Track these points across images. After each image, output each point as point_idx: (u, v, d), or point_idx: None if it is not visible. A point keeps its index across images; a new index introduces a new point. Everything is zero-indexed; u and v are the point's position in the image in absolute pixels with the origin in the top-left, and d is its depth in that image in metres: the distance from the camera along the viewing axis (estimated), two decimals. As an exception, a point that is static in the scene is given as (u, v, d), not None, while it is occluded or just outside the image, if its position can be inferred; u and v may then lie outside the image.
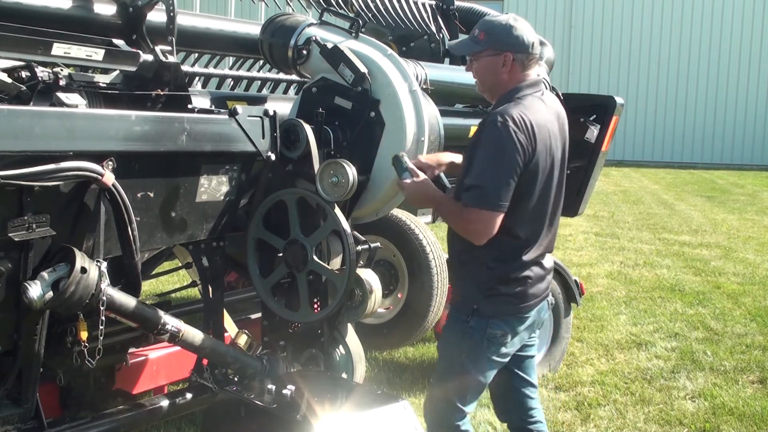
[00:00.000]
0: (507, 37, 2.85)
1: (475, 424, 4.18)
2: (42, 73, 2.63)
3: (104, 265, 2.65)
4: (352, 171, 3.13)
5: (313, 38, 3.46)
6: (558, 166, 2.92)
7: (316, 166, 3.22)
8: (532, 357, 3.14)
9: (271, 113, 3.21)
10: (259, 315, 3.77)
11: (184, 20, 3.67)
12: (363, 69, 3.34)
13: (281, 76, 4.47)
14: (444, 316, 4.58)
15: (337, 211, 3.15)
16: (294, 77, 4.27)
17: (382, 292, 3.44)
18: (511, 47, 2.83)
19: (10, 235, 2.45)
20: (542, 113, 2.84)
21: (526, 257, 2.86)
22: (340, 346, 3.47)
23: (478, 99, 4.27)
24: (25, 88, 2.59)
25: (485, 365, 2.91)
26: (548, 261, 3.01)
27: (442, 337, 3.06)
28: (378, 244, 3.46)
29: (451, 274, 3.13)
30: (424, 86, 3.86)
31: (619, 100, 4.95)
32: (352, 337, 3.52)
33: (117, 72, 3.09)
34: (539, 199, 2.86)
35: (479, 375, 2.92)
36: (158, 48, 3.17)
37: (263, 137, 3.16)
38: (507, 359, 2.96)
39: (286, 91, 4.75)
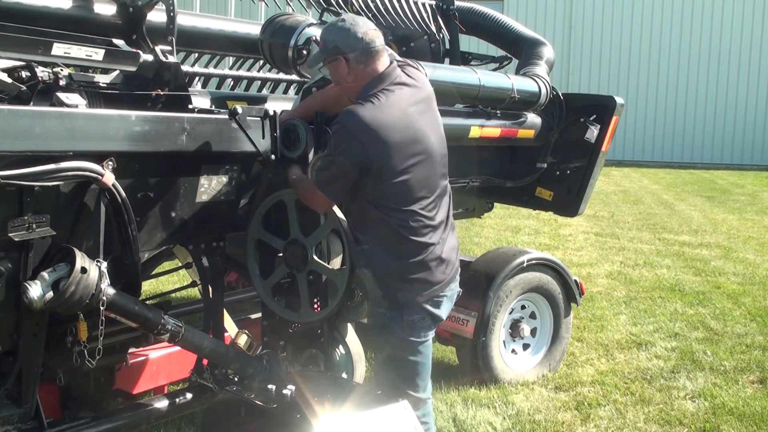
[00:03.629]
0: (334, 41, 2.89)
1: (475, 424, 4.19)
2: (42, 73, 2.63)
3: (104, 265, 2.65)
4: None
5: (313, 38, 3.46)
6: (435, 147, 2.96)
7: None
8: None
9: (271, 113, 3.21)
10: (259, 315, 3.77)
11: (184, 20, 3.67)
12: (363, 69, 3.33)
13: (281, 76, 4.47)
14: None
15: (337, 210, 3.15)
16: (294, 77, 4.27)
17: (382, 292, 3.44)
18: (339, 51, 2.87)
19: (10, 235, 2.45)
20: (401, 102, 2.87)
21: (423, 240, 2.93)
22: (340, 346, 3.48)
23: (478, 99, 4.27)
24: (25, 88, 2.59)
25: (417, 349, 2.99)
26: (450, 240, 3.06)
27: (371, 336, 3.12)
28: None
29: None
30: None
31: (619, 100, 4.96)
32: (352, 337, 3.53)
33: (117, 72, 3.09)
34: (421, 186, 2.91)
35: (417, 359, 3.00)
36: (158, 48, 3.17)
37: (263, 137, 3.16)
38: (433, 334, 3.05)
39: (286, 91, 4.75)
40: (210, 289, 3.40)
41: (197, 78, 4.23)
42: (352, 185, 2.91)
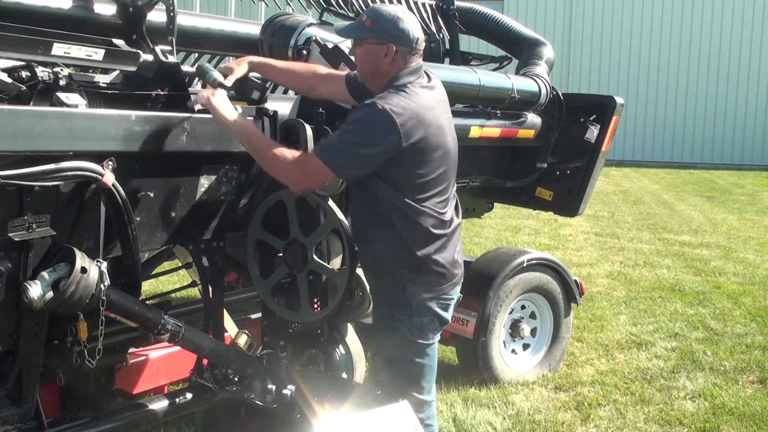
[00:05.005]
0: (393, 29, 2.85)
1: (475, 424, 4.19)
2: (42, 73, 2.63)
3: (104, 265, 2.65)
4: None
5: (313, 38, 3.46)
6: (451, 146, 2.96)
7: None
8: None
9: (271, 113, 3.21)
10: (259, 315, 3.77)
11: (184, 20, 3.67)
12: (363, 69, 3.33)
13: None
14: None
15: (337, 209, 3.15)
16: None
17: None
18: (396, 39, 2.84)
19: (10, 235, 2.45)
20: (426, 100, 2.85)
21: (436, 242, 2.91)
22: (340, 346, 3.48)
23: (478, 99, 4.27)
24: (25, 88, 2.59)
25: (424, 351, 2.96)
26: (457, 241, 3.04)
27: (373, 337, 3.05)
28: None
29: (364, 268, 3.12)
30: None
31: (619, 100, 4.95)
32: (352, 337, 3.53)
33: (117, 72, 3.09)
34: (438, 182, 2.89)
35: (423, 361, 2.97)
36: (158, 48, 3.17)
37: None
38: (439, 336, 3.02)
39: (286, 92, 4.75)
40: (210, 289, 3.40)
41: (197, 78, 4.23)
42: (369, 172, 2.82)
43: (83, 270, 2.55)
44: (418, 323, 2.91)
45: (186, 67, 3.84)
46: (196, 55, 4.41)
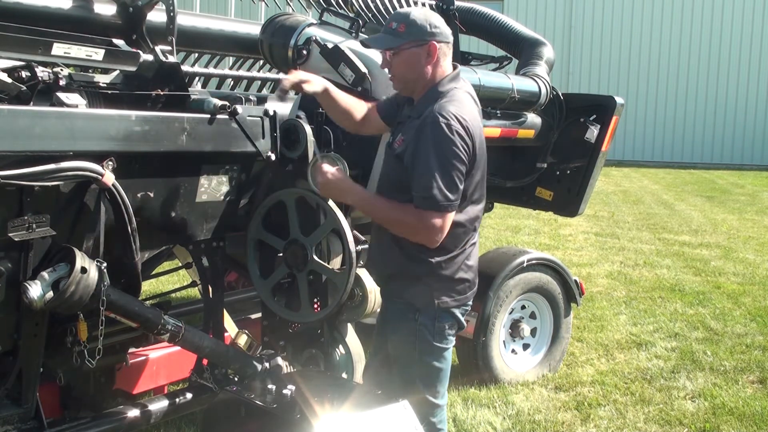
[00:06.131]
0: (428, 27, 2.78)
1: (475, 424, 4.19)
2: (42, 73, 2.63)
3: (104, 265, 2.65)
4: (343, 164, 3.13)
5: (313, 38, 3.46)
6: (485, 154, 2.94)
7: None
8: None
9: (271, 113, 3.21)
10: (259, 315, 3.77)
11: (184, 20, 3.67)
12: (363, 69, 3.34)
13: (281, 76, 4.46)
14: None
15: (337, 210, 3.15)
16: (294, 77, 4.26)
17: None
18: (434, 36, 2.78)
19: (10, 235, 2.45)
20: (472, 107, 2.86)
21: (467, 248, 2.91)
22: (340, 346, 3.48)
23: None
24: (25, 88, 2.59)
25: (443, 355, 2.96)
26: (478, 243, 3.05)
27: (392, 340, 3.01)
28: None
29: (382, 269, 3.03)
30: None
31: (619, 100, 4.95)
32: (352, 337, 3.52)
33: (117, 72, 3.09)
34: (478, 188, 2.90)
35: (441, 365, 2.96)
36: (158, 48, 3.17)
37: (263, 137, 3.16)
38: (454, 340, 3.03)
39: (286, 91, 4.75)
40: (210, 289, 3.40)
41: (197, 78, 4.23)
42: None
43: (83, 270, 2.55)
44: (441, 327, 2.90)
45: (186, 67, 3.85)
46: (196, 55, 4.41)
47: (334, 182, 2.87)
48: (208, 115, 2.97)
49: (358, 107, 3.10)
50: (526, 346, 4.98)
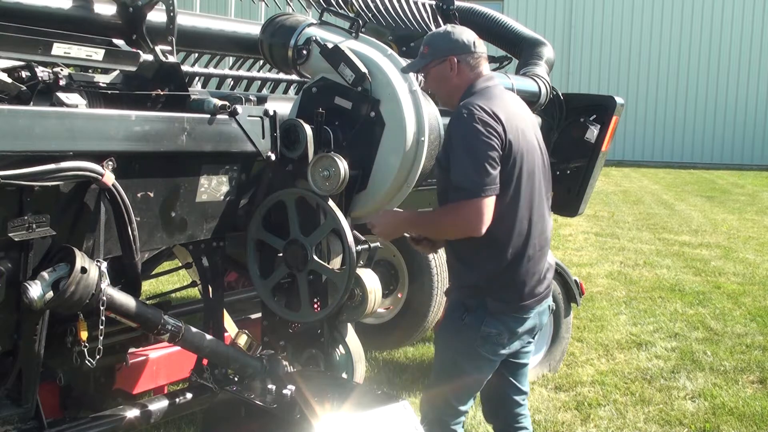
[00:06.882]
0: (446, 42, 2.93)
1: (475, 424, 4.19)
2: (42, 73, 2.63)
3: (104, 265, 2.64)
4: (343, 164, 3.13)
5: (313, 38, 3.46)
6: (539, 159, 2.92)
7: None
8: (526, 365, 3.13)
9: (271, 113, 3.21)
10: (259, 315, 3.77)
11: (184, 20, 3.66)
12: (363, 69, 3.33)
13: (281, 76, 4.46)
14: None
15: (337, 210, 3.15)
16: (294, 77, 4.27)
17: (382, 292, 3.44)
18: (452, 51, 2.91)
19: (10, 235, 2.45)
20: (508, 101, 2.87)
21: (519, 254, 2.84)
22: (340, 346, 3.47)
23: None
24: (25, 88, 2.58)
25: (480, 364, 2.89)
26: (545, 260, 2.97)
27: (438, 335, 3.04)
28: (378, 243, 3.46)
29: (450, 273, 3.09)
30: (425, 86, 3.86)
31: (619, 100, 4.95)
32: (352, 337, 3.52)
33: (117, 72, 3.09)
34: (524, 190, 2.83)
35: (475, 374, 2.91)
36: (158, 48, 3.16)
37: (263, 137, 3.16)
38: (501, 359, 2.93)
39: (286, 91, 4.75)
40: (210, 289, 3.40)
41: (197, 78, 4.23)
42: (499, 169, 2.73)
43: (83, 270, 2.55)
44: (486, 332, 2.83)
45: (186, 67, 3.84)
46: (196, 55, 4.41)
47: (385, 220, 3.00)
48: (208, 115, 2.97)
49: None
50: (526, 346, 4.98)
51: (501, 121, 2.74)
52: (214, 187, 3.12)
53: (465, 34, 2.94)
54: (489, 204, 2.69)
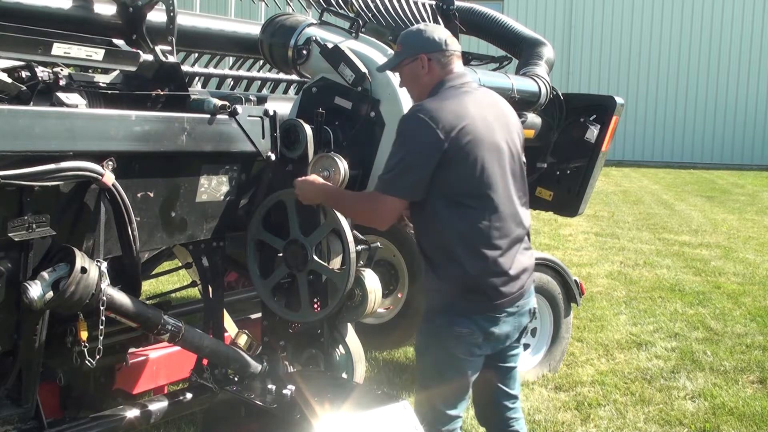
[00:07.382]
0: (418, 40, 2.93)
1: (475, 424, 4.18)
2: (42, 73, 2.63)
3: (104, 265, 2.65)
4: (343, 164, 3.13)
5: (313, 38, 3.46)
6: (507, 160, 2.89)
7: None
8: (514, 368, 3.06)
9: (271, 113, 3.21)
10: (259, 315, 3.77)
11: (184, 20, 3.67)
12: (363, 69, 3.34)
13: (281, 76, 4.47)
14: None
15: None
16: (294, 77, 4.27)
17: (382, 292, 3.44)
18: (424, 48, 2.90)
19: (10, 235, 2.45)
20: (468, 103, 2.83)
21: (482, 255, 2.78)
22: (340, 346, 3.47)
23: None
24: (25, 88, 2.59)
25: (459, 365, 2.85)
26: (521, 258, 2.93)
27: (416, 341, 3.01)
28: (378, 243, 3.46)
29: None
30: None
31: (619, 100, 4.96)
32: (352, 337, 3.52)
33: (117, 72, 3.09)
34: (482, 191, 2.80)
35: (456, 377, 2.87)
36: (158, 48, 3.17)
37: (263, 137, 3.17)
38: (481, 359, 2.88)
39: (286, 91, 4.76)
40: (210, 289, 3.40)
41: (197, 78, 4.23)
42: (425, 178, 2.74)
43: (83, 270, 2.55)
44: (458, 333, 2.80)
45: (186, 67, 3.85)
46: (196, 55, 4.41)
47: (307, 185, 3.04)
48: (208, 115, 2.97)
49: None
50: (525, 346, 4.97)
51: (444, 126, 2.72)
52: (214, 187, 3.13)
53: (437, 32, 2.93)
54: (397, 205, 2.80)
